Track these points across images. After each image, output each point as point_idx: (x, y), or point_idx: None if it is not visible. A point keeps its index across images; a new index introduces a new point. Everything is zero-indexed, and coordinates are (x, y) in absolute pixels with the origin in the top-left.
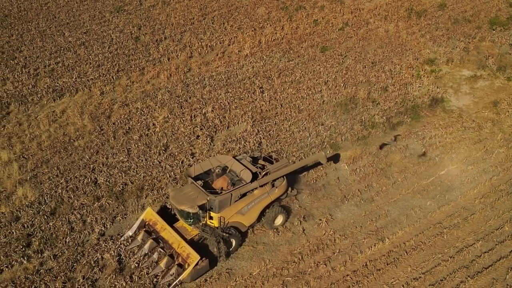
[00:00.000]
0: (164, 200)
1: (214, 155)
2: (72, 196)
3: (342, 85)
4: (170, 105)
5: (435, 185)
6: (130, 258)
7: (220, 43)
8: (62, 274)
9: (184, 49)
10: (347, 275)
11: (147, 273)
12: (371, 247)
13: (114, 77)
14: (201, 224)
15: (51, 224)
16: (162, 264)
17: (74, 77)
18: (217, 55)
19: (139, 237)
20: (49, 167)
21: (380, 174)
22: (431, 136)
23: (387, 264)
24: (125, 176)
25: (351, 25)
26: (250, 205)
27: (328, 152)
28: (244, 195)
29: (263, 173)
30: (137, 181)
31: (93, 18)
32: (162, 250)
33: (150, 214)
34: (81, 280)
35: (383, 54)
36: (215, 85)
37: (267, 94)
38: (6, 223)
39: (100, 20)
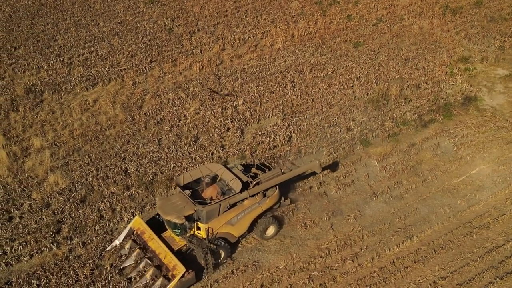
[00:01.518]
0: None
1: (204, 163)
2: (102, 184)
3: (374, 81)
4: (201, 97)
5: (466, 184)
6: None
7: (253, 36)
8: (91, 261)
9: (216, 41)
10: (374, 272)
11: (130, 282)
12: (399, 244)
13: (147, 68)
14: (188, 235)
15: (81, 212)
16: (148, 275)
17: (107, 67)
18: (249, 48)
19: (126, 246)
20: (80, 155)
21: (410, 171)
22: (463, 135)
23: (415, 262)
24: (155, 166)
25: (385, 21)
26: (239, 215)
27: (323, 161)
28: (233, 205)
29: (254, 182)
30: (166, 171)
31: (128, 8)
32: (148, 261)
33: (138, 223)
34: (109, 268)
35: (417, 51)
36: (246, 78)
37: (299, 89)
38: (37, 209)
39: (134, 11)
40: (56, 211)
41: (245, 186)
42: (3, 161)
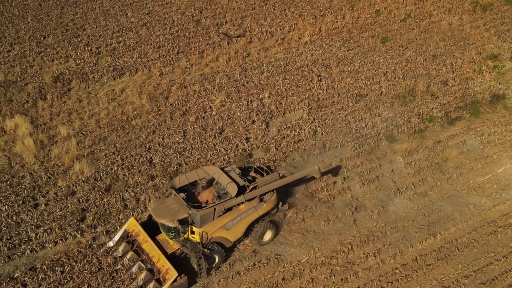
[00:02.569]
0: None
1: (200, 166)
2: (127, 174)
3: (401, 77)
4: (227, 89)
5: (492, 183)
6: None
7: (280, 29)
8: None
9: (244, 34)
10: (396, 268)
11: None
12: (422, 241)
13: (174, 59)
14: (182, 238)
15: (106, 200)
16: (140, 278)
17: (135, 57)
18: (276, 41)
19: (120, 249)
20: (106, 144)
21: (435, 168)
22: (490, 133)
23: (438, 260)
24: (180, 157)
25: (414, 17)
26: (235, 220)
27: (321, 166)
28: (229, 209)
29: (251, 187)
30: (191, 162)
31: None
32: (141, 264)
33: (133, 225)
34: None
35: (445, 47)
36: (273, 71)
37: (325, 83)
38: (62, 197)
39: (162, 2)
40: (81, 199)
41: (241, 190)
42: (30, 148)
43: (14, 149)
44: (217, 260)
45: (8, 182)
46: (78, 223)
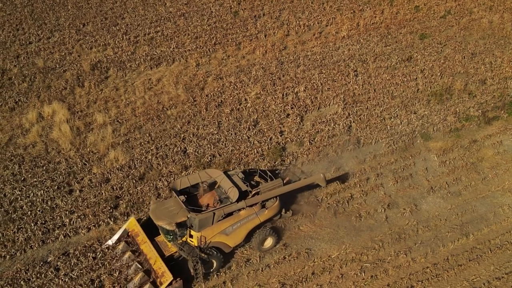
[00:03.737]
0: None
1: (203, 169)
2: (161, 163)
3: (438, 74)
4: (263, 81)
5: None
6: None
7: (318, 23)
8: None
9: (281, 26)
10: (427, 267)
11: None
12: (454, 241)
13: (211, 50)
14: (180, 241)
15: (139, 189)
16: (136, 279)
17: (172, 47)
18: (313, 35)
19: (119, 248)
20: (141, 133)
21: (470, 168)
22: None
23: (469, 261)
24: (213, 148)
25: (454, 14)
26: (235, 225)
27: (327, 174)
28: (230, 214)
29: (253, 192)
30: (225, 153)
31: None
32: (138, 265)
33: (133, 225)
34: None
35: (485, 46)
36: (309, 65)
37: (361, 78)
38: (97, 184)
39: None
40: (115, 187)
41: (243, 195)
42: (66, 135)
43: (51, 135)
44: (215, 265)
45: (44, 168)
46: (111, 210)
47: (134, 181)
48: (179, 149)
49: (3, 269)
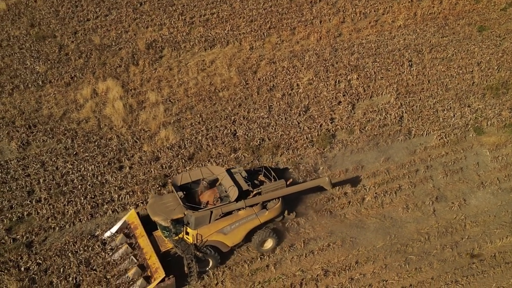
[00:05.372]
0: (298, 161)
1: (205, 165)
2: (210, 144)
3: (495, 68)
4: (316, 67)
5: None
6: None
7: (374, 11)
8: None
9: (337, 13)
10: (473, 263)
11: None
12: (503, 238)
13: (265, 34)
14: (176, 238)
15: (188, 169)
16: (130, 273)
17: (227, 30)
18: (369, 23)
19: (117, 240)
20: (192, 114)
21: None
22: None
23: None
24: (263, 132)
25: None
26: (233, 225)
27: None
28: (228, 213)
29: (254, 192)
30: (274, 138)
31: None
32: (134, 258)
33: (133, 217)
34: None
35: None
36: (363, 53)
37: (415, 68)
38: (147, 162)
39: None
40: (164, 165)
41: (243, 194)
42: (119, 112)
43: (104, 111)
44: (211, 264)
45: (96, 143)
46: (159, 188)
47: (183, 160)
48: (229, 131)
49: (52, 240)
